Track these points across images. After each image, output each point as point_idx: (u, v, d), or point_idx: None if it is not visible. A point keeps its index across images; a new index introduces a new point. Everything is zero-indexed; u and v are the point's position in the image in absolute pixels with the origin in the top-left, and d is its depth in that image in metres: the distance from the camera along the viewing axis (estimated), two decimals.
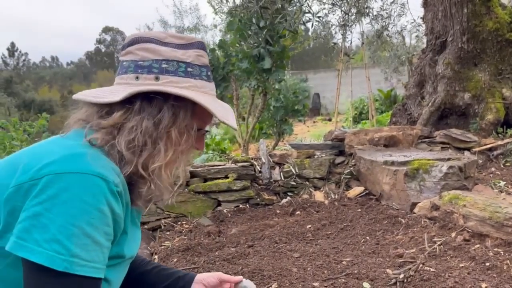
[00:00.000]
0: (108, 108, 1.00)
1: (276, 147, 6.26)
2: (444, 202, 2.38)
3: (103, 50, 56.98)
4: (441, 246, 2.15)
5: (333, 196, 3.18)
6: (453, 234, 2.21)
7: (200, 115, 1.06)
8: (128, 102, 0.98)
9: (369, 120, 9.39)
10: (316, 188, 3.34)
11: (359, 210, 2.87)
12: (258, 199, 3.23)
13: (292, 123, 6.97)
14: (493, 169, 3.36)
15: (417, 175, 2.74)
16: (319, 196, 3.21)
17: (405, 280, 1.93)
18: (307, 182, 3.37)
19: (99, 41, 56.35)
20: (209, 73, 1.11)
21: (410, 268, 1.99)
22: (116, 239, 0.97)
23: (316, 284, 2.00)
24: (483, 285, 1.80)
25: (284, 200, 3.22)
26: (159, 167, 0.99)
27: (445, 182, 2.65)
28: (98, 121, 1.00)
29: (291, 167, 3.33)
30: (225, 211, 3.16)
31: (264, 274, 2.09)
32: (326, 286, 1.98)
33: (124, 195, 0.97)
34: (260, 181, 3.32)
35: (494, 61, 4.27)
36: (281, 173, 3.35)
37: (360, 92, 12.65)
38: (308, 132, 10.90)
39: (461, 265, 1.98)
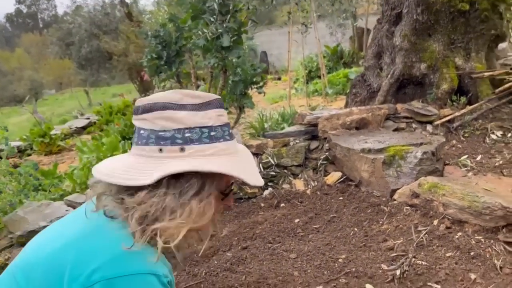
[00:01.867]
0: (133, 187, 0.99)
1: (238, 122, 6.25)
2: (423, 190, 2.56)
3: (24, 11, 52.30)
4: (427, 235, 2.33)
5: (312, 184, 3.29)
6: (435, 222, 2.40)
7: (226, 178, 1.05)
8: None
9: (321, 79, 9.52)
10: (295, 175, 3.43)
11: (341, 198, 3.01)
12: (241, 193, 3.28)
13: (252, 96, 6.95)
14: (454, 141, 3.61)
15: (393, 162, 2.89)
16: (299, 184, 3.31)
17: (401, 276, 2.10)
18: (285, 171, 3.45)
19: (19, 1, 51.52)
20: (230, 131, 1.10)
21: (403, 263, 2.16)
22: None
23: (320, 287, 2.12)
24: (472, 276, 2.01)
25: (266, 192, 3.29)
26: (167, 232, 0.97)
27: (420, 167, 2.83)
28: (122, 198, 0.99)
29: (269, 157, 3.38)
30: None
31: (270, 283, 2.18)
32: None
33: (172, 278, 0.99)
34: None
35: (447, 32, 4.45)
36: (260, 164, 3.39)
37: (307, 49, 12.74)
38: (263, 97, 10.89)
39: (447, 254, 2.18)
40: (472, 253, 2.13)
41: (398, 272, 2.11)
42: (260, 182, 1.08)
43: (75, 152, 7.38)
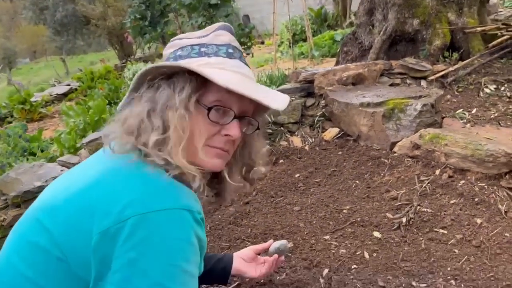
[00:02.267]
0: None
1: None
2: (425, 141, 2.56)
3: None
4: (429, 185, 2.35)
5: (310, 140, 3.27)
6: (437, 172, 2.42)
7: (215, 92, 1.00)
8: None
9: (306, 42, 9.38)
10: (292, 133, 3.40)
11: (340, 153, 3.00)
12: None
13: None
14: (449, 96, 3.61)
15: (393, 115, 2.88)
16: (296, 141, 3.28)
17: (407, 223, 2.12)
18: (282, 128, 3.41)
19: None
20: (230, 51, 1.05)
21: (408, 211, 2.18)
22: (200, 262, 0.97)
23: (326, 237, 2.13)
24: (478, 220, 2.04)
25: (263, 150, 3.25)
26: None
27: (420, 120, 2.82)
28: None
29: (266, 115, 3.32)
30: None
31: (276, 234, 2.17)
32: (336, 238, 2.12)
33: (204, 218, 0.96)
34: None
35: None
36: None
37: (291, 12, 12.46)
38: (250, 59, 10.70)
39: (451, 202, 2.20)
40: (476, 200, 2.16)
41: (404, 220, 2.13)
42: (261, 97, 0.98)
43: (58, 119, 7.19)
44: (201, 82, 0.99)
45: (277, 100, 1.04)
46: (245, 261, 1.60)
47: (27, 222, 1.00)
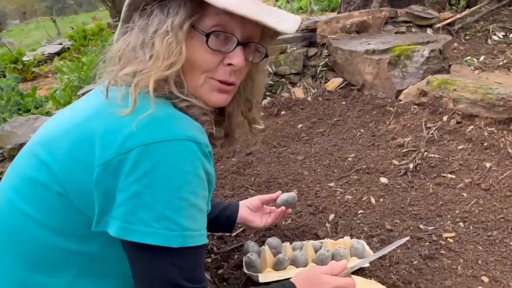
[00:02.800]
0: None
1: None
2: (432, 87, 2.48)
3: None
4: (437, 131, 2.29)
5: (312, 91, 3.18)
6: (445, 118, 2.35)
7: (215, 15, 0.89)
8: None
9: None
10: (293, 84, 3.30)
11: (344, 103, 2.92)
12: None
13: None
14: (456, 44, 3.49)
15: (399, 62, 2.78)
16: (298, 92, 3.19)
17: (414, 169, 2.07)
18: (283, 79, 3.31)
19: None
20: None
21: (415, 157, 2.13)
22: (209, 197, 0.92)
23: (331, 184, 2.09)
24: (487, 164, 1.99)
25: (265, 101, 3.17)
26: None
27: (427, 66, 2.72)
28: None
29: (267, 65, 3.21)
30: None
31: (280, 182, 2.13)
32: (341, 185, 2.08)
33: (212, 152, 0.90)
34: None
35: None
36: None
37: None
38: None
39: (460, 147, 2.15)
40: (485, 144, 2.10)
41: (410, 165, 2.09)
42: (270, 21, 0.88)
43: (52, 78, 7.03)
44: (197, 5, 0.88)
45: (286, 22, 0.93)
46: (251, 210, 1.56)
47: (25, 158, 0.94)
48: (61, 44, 9.29)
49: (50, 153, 0.87)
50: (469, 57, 3.12)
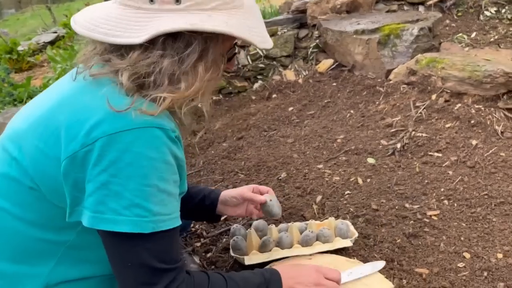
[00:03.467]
0: (122, 46, 0.87)
1: None
2: (421, 66, 2.47)
3: None
4: (425, 110, 2.30)
5: (304, 73, 3.17)
6: (434, 97, 2.35)
7: (232, 38, 0.92)
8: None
9: None
10: (285, 66, 3.29)
11: (335, 84, 2.92)
12: (230, 88, 3.15)
13: None
14: (447, 21, 3.46)
15: (388, 41, 2.76)
16: (290, 75, 3.18)
17: (402, 149, 2.09)
18: (274, 62, 3.29)
19: None
20: None
21: (403, 137, 2.14)
22: (181, 180, 0.94)
23: (320, 166, 2.10)
24: (473, 141, 2.00)
25: (256, 85, 3.17)
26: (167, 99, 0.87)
27: (417, 45, 2.71)
28: (110, 57, 0.88)
29: (257, 48, 3.20)
30: (199, 105, 3.07)
31: (269, 165, 2.15)
32: (330, 166, 2.10)
33: (179, 134, 0.92)
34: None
35: None
36: (248, 57, 3.22)
37: None
38: None
39: (447, 125, 2.16)
40: (472, 122, 2.11)
41: (398, 145, 2.10)
42: (269, 43, 0.97)
43: (47, 68, 7.00)
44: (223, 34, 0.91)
45: (268, 40, 1.00)
46: (232, 205, 1.42)
47: None
48: (55, 32, 9.21)
49: (19, 148, 0.88)
50: (460, 34, 3.10)
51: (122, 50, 0.87)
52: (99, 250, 0.87)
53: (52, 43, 8.42)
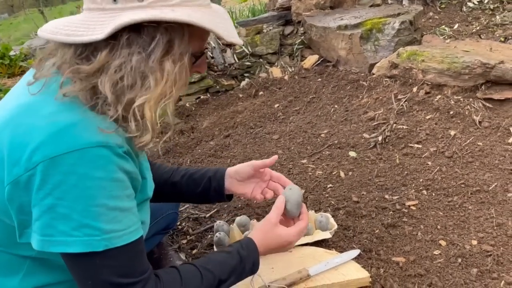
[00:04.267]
0: (86, 47, 0.83)
1: None
2: (402, 59, 2.51)
3: None
4: (406, 102, 2.34)
5: (290, 70, 3.20)
6: (415, 89, 2.39)
7: (198, 35, 0.90)
8: (112, 36, 0.81)
9: None
10: (271, 64, 3.33)
11: (320, 80, 2.95)
12: (218, 87, 3.18)
13: None
14: (431, 13, 3.50)
15: (371, 36, 2.80)
16: (276, 72, 3.22)
17: (383, 141, 2.13)
18: (261, 60, 3.33)
19: None
20: None
21: (384, 130, 2.18)
22: (137, 190, 0.92)
23: (304, 161, 2.15)
24: (452, 132, 2.04)
25: (243, 83, 3.21)
26: (142, 103, 0.83)
27: (398, 38, 2.74)
28: (77, 66, 0.83)
29: (243, 47, 3.24)
30: (187, 105, 3.11)
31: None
32: (313, 161, 2.14)
33: (131, 148, 0.88)
34: (215, 67, 3.22)
35: None
36: (234, 55, 3.26)
37: None
38: None
39: (427, 117, 2.20)
40: (451, 113, 2.15)
41: (380, 138, 2.14)
42: (237, 40, 0.94)
43: None
44: (189, 28, 0.88)
45: (236, 36, 0.96)
46: (238, 181, 1.33)
47: None
48: None
49: None
50: (442, 26, 3.13)
51: (87, 52, 0.84)
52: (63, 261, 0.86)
53: (44, 46, 8.43)
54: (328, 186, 1.90)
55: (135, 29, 0.82)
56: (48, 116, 0.81)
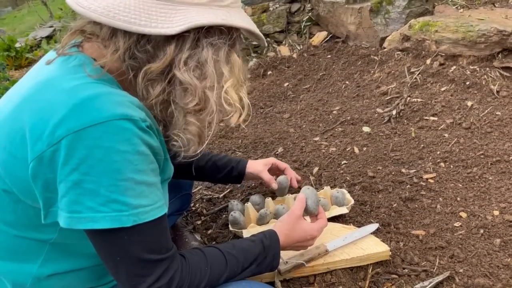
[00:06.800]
0: (148, 39, 0.83)
1: None
2: (414, 31, 2.43)
3: None
4: (420, 75, 2.27)
5: (298, 48, 3.14)
6: (428, 61, 2.32)
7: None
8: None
9: None
10: (279, 42, 3.26)
11: (329, 56, 2.89)
12: None
13: None
14: None
15: (381, 9, 2.72)
16: (284, 50, 3.16)
17: (397, 115, 2.08)
18: (268, 39, 3.27)
19: None
20: None
21: (398, 104, 2.13)
22: (160, 168, 0.91)
23: (316, 138, 2.11)
24: (468, 103, 1.99)
25: (251, 63, 3.15)
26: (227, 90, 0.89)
27: (410, 10, 2.66)
28: (148, 66, 0.84)
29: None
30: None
31: (266, 141, 2.16)
32: (326, 138, 2.10)
33: (154, 124, 0.87)
34: None
35: None
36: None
37: None
38: None
39: (442, 89, 2.14)
40: (467, 83, 2.09)
41: (394, 112, 2.09)
42: (265, 42, 1.02)
43: None
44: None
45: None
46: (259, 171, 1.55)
47: None
48: (52, 26, 9.17)
49: None
50: None
51: (149, 43, 0.83)
52: (86, 242, 0.85)
53: (49, 37, 8.41)
54: (343, 162, 1.86)
55: (204, 28, 0.84)
56: (69, 90, 0.79)
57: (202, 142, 0.94)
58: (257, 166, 1.54)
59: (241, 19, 0.89)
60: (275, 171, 1.61)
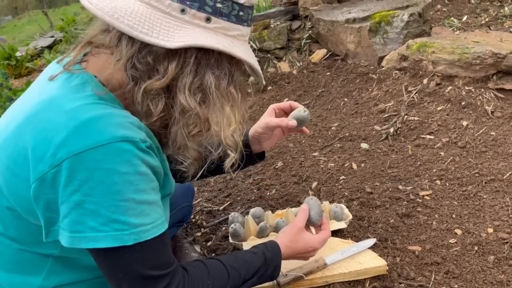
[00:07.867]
0: (148, 49, 0.84)
1: None
2: (412, 51, 2.50)
3: None
4: (417, 94, 2.33)
5: (298, 64, 3.20)
6: (425, 81, 2.38)
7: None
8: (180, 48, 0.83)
9: None
10: (279, 59, 3.33)
11: (328, 73, 2.95)
12: None
13: None
14: (439, 6, 3.48)
15: (379, 29, 2.79)
16: (284, 67, 3.22)
17: (395, 133, 2.12)
18: (268, 55, 3.33)
19: None
20: (252, 15, 0.98)
21: (396, 121, 2.18)
22: (160, 185, 0.93)
23: (315, 154, 2.15)
24: (464, 122, 2.04)
25: (251, 79, 3.20)
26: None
27: (407, 31, 2.74)
28: (149, 83, 0.84)
29: (251, 42, 3.24)
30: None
31: (266, 156, 2.19)
32: (325, 154, 2.14)
33: (154, 143, 0.89)
34: None
35: None
36: None
37: None
38: None
39: (439, 108, 2.19)
40: (463, 103, 2.15)
41: (391, 130, 2.14)
42: (263, 81, 1.02)
43: None
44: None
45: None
46: (262, 142, 1.44)
47: None
48: (52, 36, 9.24)
49: None
50: (451, 18, 3.12)
51: (149, 55, 0.84)
52: (88, 256, 0.87)
53: (49, 47, 8.47)
54: (341, 178, 1.90)
55: (204, 50, 0.86)
56: (70, 111, 0.81)
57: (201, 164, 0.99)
58: (259, 124, 1.40)
59: (244, 51, 0.89)
60: (283, 115, 1.43)
